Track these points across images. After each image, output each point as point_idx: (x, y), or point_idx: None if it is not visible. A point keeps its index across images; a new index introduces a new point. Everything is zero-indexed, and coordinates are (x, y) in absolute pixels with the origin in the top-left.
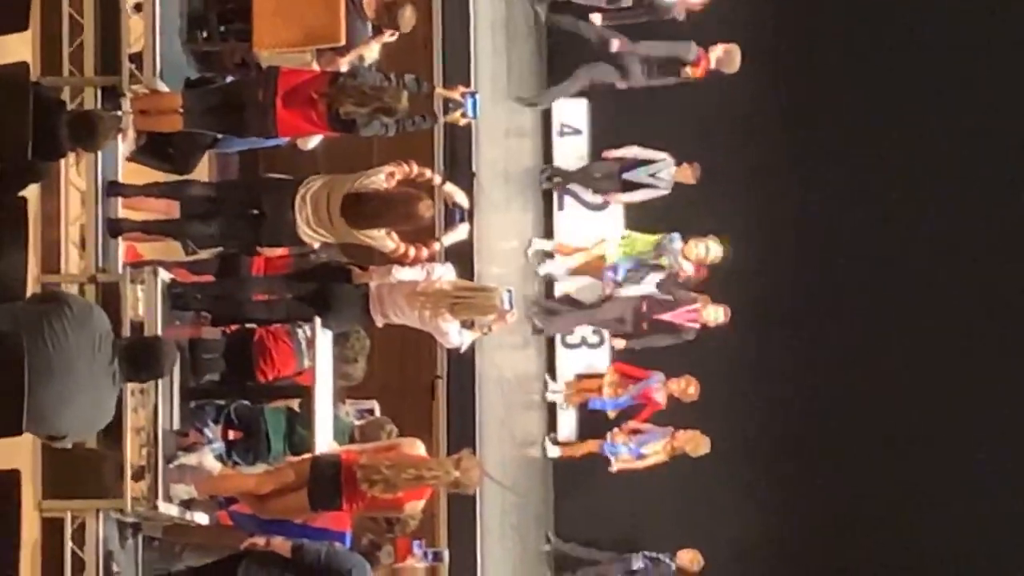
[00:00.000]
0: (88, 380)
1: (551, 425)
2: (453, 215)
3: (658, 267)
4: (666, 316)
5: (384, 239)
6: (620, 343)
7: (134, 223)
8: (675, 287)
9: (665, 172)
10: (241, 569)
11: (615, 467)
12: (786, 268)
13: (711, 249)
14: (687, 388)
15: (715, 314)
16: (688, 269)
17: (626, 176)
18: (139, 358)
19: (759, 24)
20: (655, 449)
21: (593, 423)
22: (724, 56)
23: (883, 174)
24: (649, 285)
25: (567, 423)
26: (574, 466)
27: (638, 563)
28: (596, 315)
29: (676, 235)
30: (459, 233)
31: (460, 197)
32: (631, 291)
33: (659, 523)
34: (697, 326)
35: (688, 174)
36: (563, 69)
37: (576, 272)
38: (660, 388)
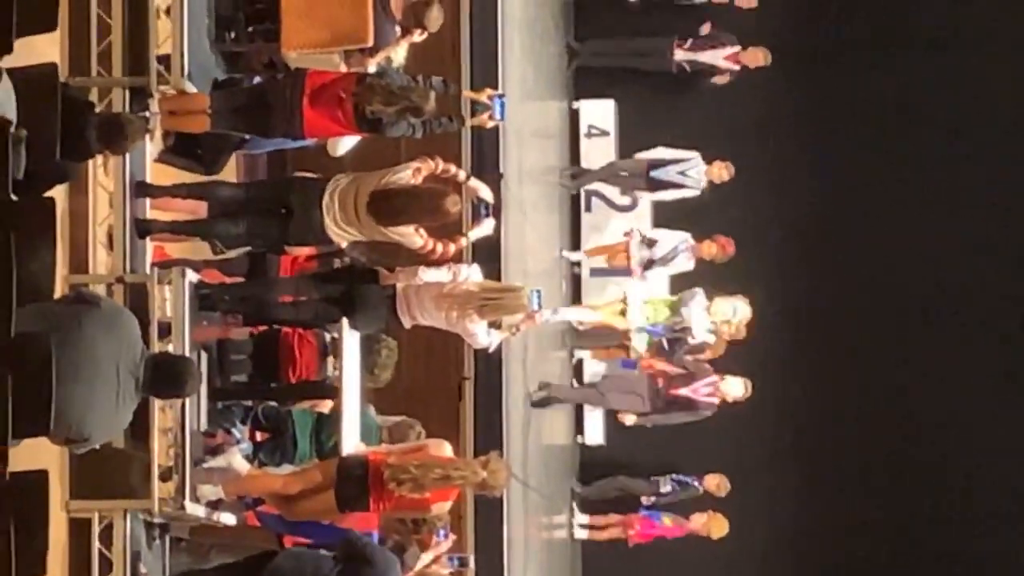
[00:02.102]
0: (112, 385)
1: (578, 426)
2: (478, 210)
3: (685, 330)
4: (683, 391)
5: (412, 235)
6: (631, 419)
7: (162, 223)
8: (689, 354)
9: (695, 171)
10: (276, 561)
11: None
12: (810, 265)
13: (738, 310)
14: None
15: (735, 387)
16: (703, 334)
17: (654, 174)
18: (164, 375)
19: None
20: None
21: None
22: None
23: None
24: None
25: (594, 424)
26: None
27: (666, 486)
28: (609, 393)
29: (699, 290)
30: (484, 228)
31: (485, 192)
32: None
33: (688, 447)
34: (716, 402)
35: (721, 172)
36: (588, 71)
37: (596, 329)
38: None
